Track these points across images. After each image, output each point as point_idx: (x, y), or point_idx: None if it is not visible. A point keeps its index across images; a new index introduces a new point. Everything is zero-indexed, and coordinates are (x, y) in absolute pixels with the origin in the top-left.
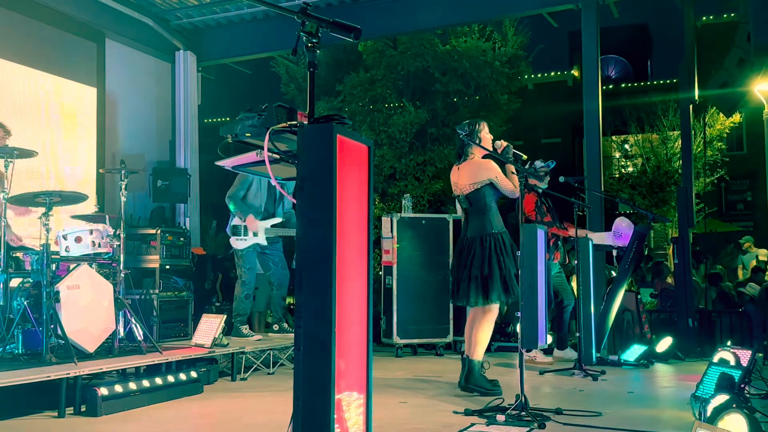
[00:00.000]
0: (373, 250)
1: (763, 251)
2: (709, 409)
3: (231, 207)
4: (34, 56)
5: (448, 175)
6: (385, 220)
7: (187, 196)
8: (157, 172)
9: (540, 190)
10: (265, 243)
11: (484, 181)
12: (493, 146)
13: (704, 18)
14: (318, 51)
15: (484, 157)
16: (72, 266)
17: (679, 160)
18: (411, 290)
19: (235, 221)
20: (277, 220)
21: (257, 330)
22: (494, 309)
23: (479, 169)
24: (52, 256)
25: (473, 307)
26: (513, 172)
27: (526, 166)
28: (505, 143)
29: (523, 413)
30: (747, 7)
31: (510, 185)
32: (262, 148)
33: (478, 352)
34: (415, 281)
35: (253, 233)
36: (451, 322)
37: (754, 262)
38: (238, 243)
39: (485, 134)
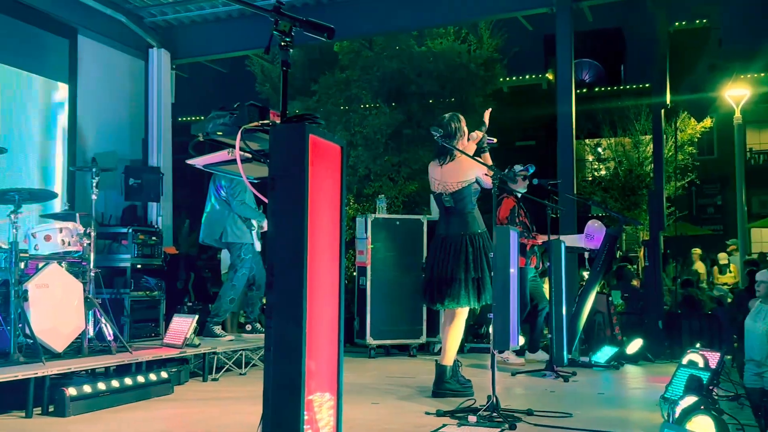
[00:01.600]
0: (348, 251)
1: (723, 255)
2: (678, 410)
3: (247, 214)
4: (4, 51)
5: (423, 176)
6: (360, 221)
7: (160, 195)
8: (129, 171)
9: (519, 195)
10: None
11: (471, 180)
12: (468, 137)
13: (677, 23)
14: (291, 50)
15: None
16: (41, 265)
17: (650, 164)
18: (385, 291)
19: (264, 225)
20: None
21: (230, 330)
22: (465, 312)
23: (466, 166)
24: (21, 255)
25: (455, 309)
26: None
27: (505, 171)
28: (481, 133)
29: (495, 414)
30: (718, 13)
31: (489, 179)
32: (233, 147)
33: (448, 358)
34: (389, 282)
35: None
36: (425, 323)
37: (717, 269)
38: (260, 246)
39: (465, 128)
